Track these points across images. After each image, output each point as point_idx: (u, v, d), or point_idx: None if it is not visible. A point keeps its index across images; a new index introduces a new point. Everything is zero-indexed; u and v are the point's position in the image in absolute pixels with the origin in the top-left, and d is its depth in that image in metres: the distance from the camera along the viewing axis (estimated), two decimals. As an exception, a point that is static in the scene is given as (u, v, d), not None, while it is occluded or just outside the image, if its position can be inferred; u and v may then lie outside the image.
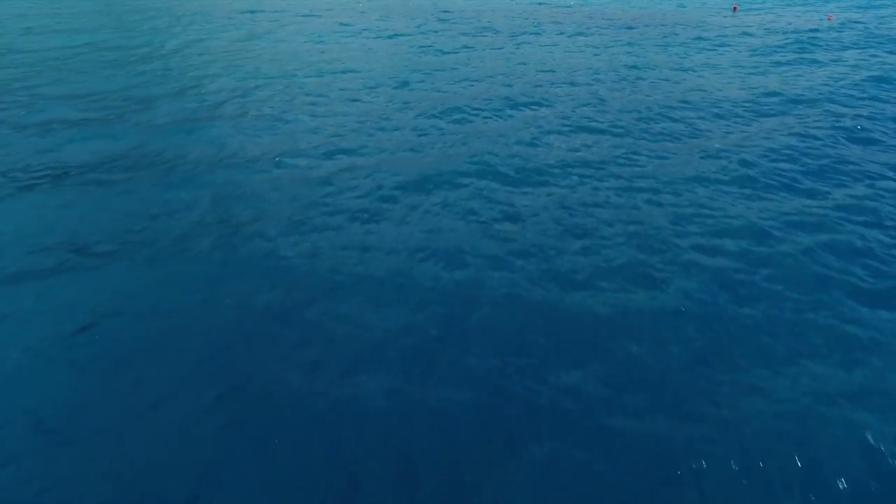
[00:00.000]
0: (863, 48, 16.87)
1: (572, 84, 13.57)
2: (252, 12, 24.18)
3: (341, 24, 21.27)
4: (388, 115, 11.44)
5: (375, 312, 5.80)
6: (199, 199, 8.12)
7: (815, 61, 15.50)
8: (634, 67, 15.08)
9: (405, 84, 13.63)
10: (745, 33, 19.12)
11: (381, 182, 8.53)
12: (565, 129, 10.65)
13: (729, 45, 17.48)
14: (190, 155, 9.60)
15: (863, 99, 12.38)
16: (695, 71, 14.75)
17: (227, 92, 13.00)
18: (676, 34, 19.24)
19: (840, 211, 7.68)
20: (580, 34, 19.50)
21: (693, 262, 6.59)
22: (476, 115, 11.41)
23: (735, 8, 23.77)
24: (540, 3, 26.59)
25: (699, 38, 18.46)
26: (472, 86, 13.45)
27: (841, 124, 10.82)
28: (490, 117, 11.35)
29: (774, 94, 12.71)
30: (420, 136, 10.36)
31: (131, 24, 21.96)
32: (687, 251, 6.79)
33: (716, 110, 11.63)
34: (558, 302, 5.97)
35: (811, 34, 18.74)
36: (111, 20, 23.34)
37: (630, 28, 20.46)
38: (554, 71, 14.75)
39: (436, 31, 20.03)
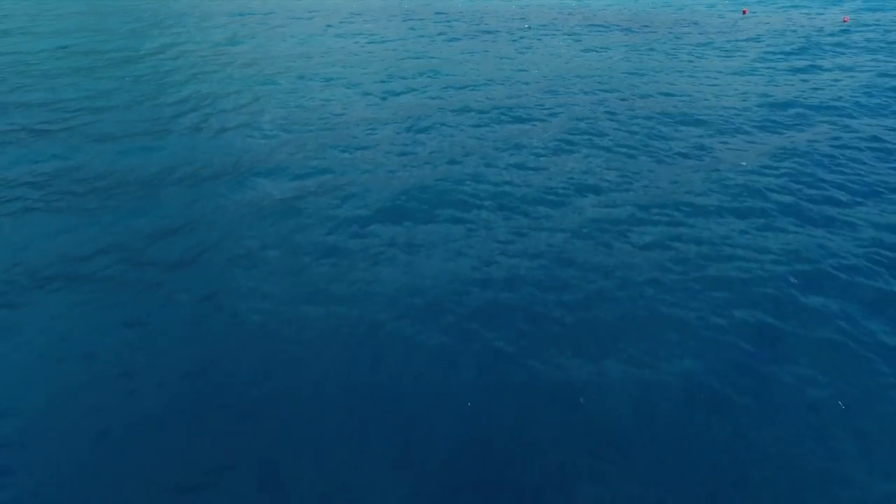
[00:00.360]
0: (881, 52, 15.79)
1: (572, 93, 12.54)
2: (241, 14, 23.26)
3: (328, 26, 20.30)
4: (369, 129, 10.44)
5: (339, 396, 4.81)
6: (140, 227, 7.15)
7: (833, 67, 14.43)
8: (639, 75, 14.06)
9: (392, 93, 12.64)
10: (756, 37, 18.06)
11: (355, 210, 7.50)
12: (564, 146, 9.62)
13: (740, 51, 16.42)
14: (140, 173, 8.63)
15: (886, 108, 11.33)
16: (704, 80, 13.71)
17: (195, 100, 12.04)
18: (683, 39, 18.20)
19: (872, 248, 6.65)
20: (580, 38, 18.49)
21: (717, 330, 5.59)
22: (467, 130, 10.39)
23: (744, 11, 22.70)
24: (540, 5, 25.57)
25: (708, 44, 17.41)
26: (465, 95, 12.44)
27: (865, 137, 9.78)
28: (482, 133, 10.34)
29: (790, 104, 11.66)
30: (402, 154, 9.34)
31: (112, 27, 21.07)
32: (711, 313, 5.78)
33: (727, 125, 10.58)
34: (549, 377, 4.96)
35: (826, 38, 17.65)
36: (93, 22, 22.46)
37: (634, 31, 19.42)
38: (552, 79, 13.73)
39: (428, 36, 19.04)
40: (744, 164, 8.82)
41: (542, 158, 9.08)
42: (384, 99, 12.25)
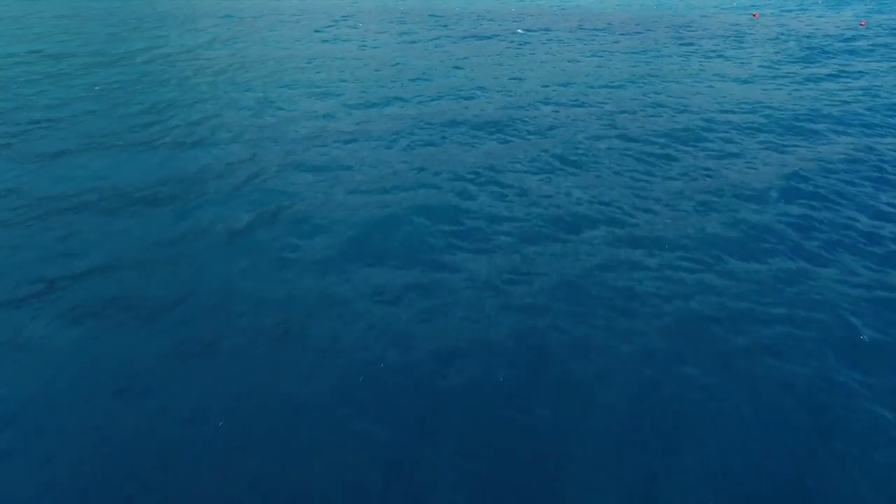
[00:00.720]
0: (904, 59, 14.70)
1: (571, 105, 11.50)
2: (227, 17, 22.36)
3: (315, 31, 19.36)
4: (346, 145, 9.44)
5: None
6: (62, 264, 6.20)
7: (853, 74, 13.35)
8: (644, 85, 13.03)
9: (375, 104, 11.66)
10: (769, 43, 16.98)
11: (317, 248, 6.45)
12: (560, 167, 8.59)
13: (753, 58, 15.35)
14: (77, 198, 7.66)
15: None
16: (715, 89, 12.67)
17: (157, 111, 11.10)
18: (691, 45, 17.14)
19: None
20: (581, 42, 17.46)
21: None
22: (454, 148, 9.34)
23: (755, 14, 21.63)
24: (539, 6, 24.56)
25: (717, 51, 16.35)
26: (456, 107, 11.42)
27: (886, 152, 8.73)
28: (471, 152, 9.33)
29: (806, 116, 10.61)
30: (380, 177, 8.25)
31: (92, 31, 20.22)
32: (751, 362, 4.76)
33: (740, 141, 9.53)
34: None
35: (844, 43, 16.57)
36: (75, 25, 21.63)
37: (638, 36, 18.38)
38: (550, 88, 12.70)
39: (420, 41, 18.07)
40: (759, 186, 7.78)
41: (535, 182, 8.04)
42: (366, 110, 11.27)
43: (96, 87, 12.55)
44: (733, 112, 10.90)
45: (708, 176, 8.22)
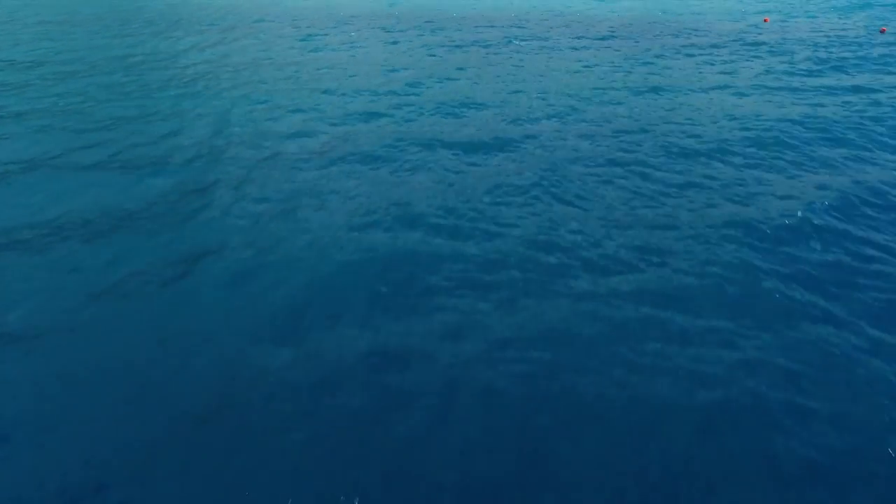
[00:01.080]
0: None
1: (573, 123, 10.47)
2: (212, 24, 21.49)
3: (303, 39, 18.46)
4: (320, 167, 8.51)
5: None
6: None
7: (875, 87, 12.29)
8: (651, 97, 12.03)
9: (357, 118, 10.73)
10: (783, 50, 15.92)
11: (273, 300, 5.56)
12: (564, 195, 7.64)
13: (768, 71, 14.30)
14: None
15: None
16: (725, 104, 11.65)
17: (113, 129, 10.17)
18: (701, 54, 16.11)
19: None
20: (585, 50, 16.47)
21: None
22: (446, 173, 8.32)
23: (766, 20, 20.57)
24: (541, 10, 23.58)
25: (729, 61, 15.31)
26: (448, 124, 10.40)
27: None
28: (465, 180, 8.39)
29: (830, 136, 9.58)
30: (357, 210, 7.25)
31: (73, 37, 19.42)
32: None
33: (756, 161, 8.54)
34: None
35: (862, 51, 15.49)
36: (57, 31, 20.84)
37: (645, 43, 17.36)
38: (550, 102, 11.65)
39: (413, 48, 17.14)
40: (780, 217, 6.79)
41: (533, 223, 7.06)
42: (344, 127, 10.34)
43: (60, 104, 11.69)
44: (748, 129, 9.88)
45: (717, 206, 7.22)
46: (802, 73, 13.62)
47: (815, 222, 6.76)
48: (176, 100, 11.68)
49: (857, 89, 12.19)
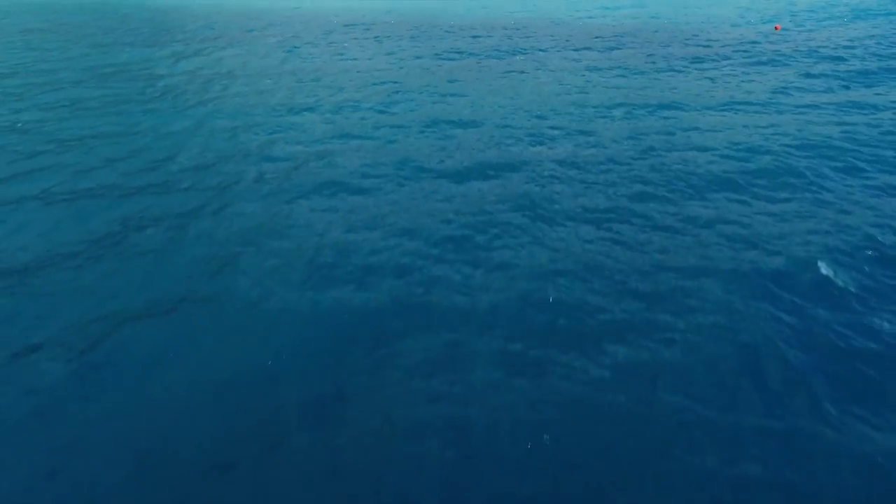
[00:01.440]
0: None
1: (577, 145, 9.50)
2: (197, 31, 20.74)
3: (294, 47, 17.66)
4: (294, 204, 7.58)
5: None
6: None
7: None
8: (658, 113, 11.14)
9: (339, 136, 9.88)
10: (796, 60, 15.02)
11: (226, 370, 4.72)
12: (562, 230, 6.76)
13: (783, 87, 13.39)
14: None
15: None
16: (739, 120, 10.74)
17: (72, 150, 9.33)
18: (706, 65, 15.22)
19: None
20: (588, 61, 15.59)
21: None
22: (438, 202, 7.39)
23: (777, 28, 19.69)
24: (543, 18, 22.74)
25: (739, 73, 14.41)
26: (442, 144, 9.49)
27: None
28: (449, 208, 7.51)
29: (856, 158, 8.66)
30: (335, 247, 6.44)
31: (53, 46, 18.69)
32: None
33: (778, 190, 7.62)
34: None
35: (884, 60, 14.57)
36: (39, 41, 20.12)
37: (652, 53, 16.48)
38: (551, 119, 10.75)
39: (406, 58, 16.31)
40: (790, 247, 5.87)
41: (534, 252, 6.20)
42: (329, 144, 9.49)
43: (18, 124, 10.85)
44: (763, 153, 8.96)
45: (732, 243, 6.31)
46: (819, 88, 12.69)
47: (839, 283, 5.84)
48: (148, 116, 10.87)
49: (886, 105, 11.26)
